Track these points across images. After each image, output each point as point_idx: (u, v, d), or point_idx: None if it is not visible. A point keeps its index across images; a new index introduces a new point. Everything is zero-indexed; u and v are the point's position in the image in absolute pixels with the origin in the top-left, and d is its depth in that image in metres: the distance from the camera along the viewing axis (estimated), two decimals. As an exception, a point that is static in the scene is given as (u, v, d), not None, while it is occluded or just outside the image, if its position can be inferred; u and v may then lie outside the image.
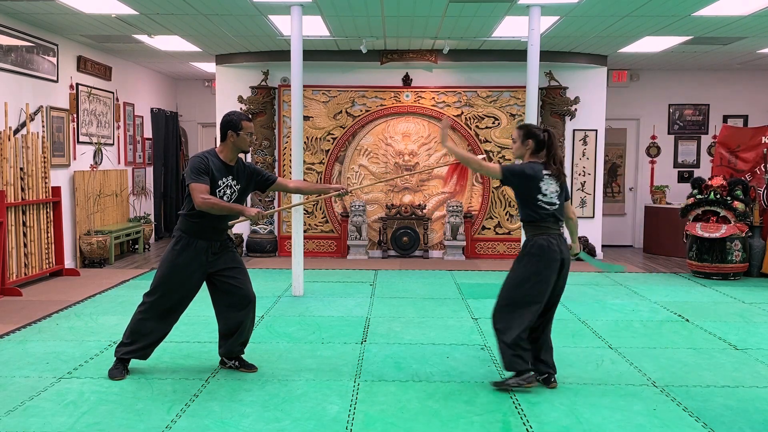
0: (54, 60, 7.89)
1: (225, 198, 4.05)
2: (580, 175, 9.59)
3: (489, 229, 9.56)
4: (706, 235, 7.77)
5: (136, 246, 9.77)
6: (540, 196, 3.97)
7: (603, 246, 9.96)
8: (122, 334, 4.26)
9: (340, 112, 9.47)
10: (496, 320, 4.03)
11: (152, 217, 10.79)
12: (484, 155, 4.07)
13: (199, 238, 4.07)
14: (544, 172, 3.99)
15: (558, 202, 4.01)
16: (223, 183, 4.04)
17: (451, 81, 9.46)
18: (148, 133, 10.82)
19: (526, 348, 3.96)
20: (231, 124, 4.03)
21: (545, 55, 8.42)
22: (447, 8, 6.67)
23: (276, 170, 9.50)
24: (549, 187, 3.98)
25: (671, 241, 9.59)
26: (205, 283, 4.22)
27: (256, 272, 8.18)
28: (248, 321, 4.27)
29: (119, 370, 4.18)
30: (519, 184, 4.01)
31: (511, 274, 4.06)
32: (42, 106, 7.62)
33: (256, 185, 4.29)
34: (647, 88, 10.66)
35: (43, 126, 7.60)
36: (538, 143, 4.02)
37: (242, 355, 4.41)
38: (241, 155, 4.19)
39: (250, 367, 4.37)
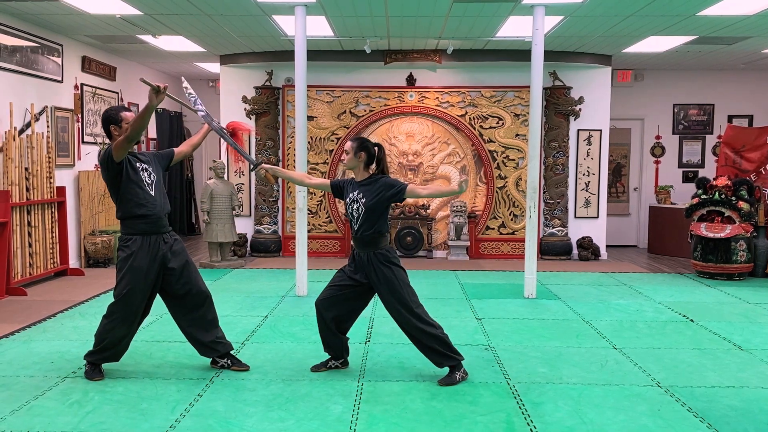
0: (58, 60, 7.91)
1: (146, 180, 4.07)
2: (584, 175, 9.57)
3: (493, 229, 9.55)
4: (711, 235, 7.75)
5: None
6: None
7: (607, 246, 9.94)
8: (93, 342, 4.19)
9: (344, 112, 9.47)
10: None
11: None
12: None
13: (149, 234, 4.07)
14: None
15: None
16: (140, 167, 4.09)
17: (455, 81, 9.45)
18: (152, 133, 10.84)
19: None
20: (110, 119, 4.02)
21: (549, 55, 8.40)
22: (451, 8, 6.67)
23: (280, 170, 9.51)
24: None
25: (676, 241, 9.58)
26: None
27: (260, 272, 8.19)
28: (211, 314, 4.28)
29: (95, 371, 4.16)
30: None
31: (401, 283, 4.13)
32: (47, 107, 7.65)
33: (160, 162, 4.29)
34: (652, 88, 10.63)
35: (47, 126, 7.63)
36: (370, 156, 4.15)
37: (232, 352, 4.40)
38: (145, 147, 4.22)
39: (242, 365, 4.37)
